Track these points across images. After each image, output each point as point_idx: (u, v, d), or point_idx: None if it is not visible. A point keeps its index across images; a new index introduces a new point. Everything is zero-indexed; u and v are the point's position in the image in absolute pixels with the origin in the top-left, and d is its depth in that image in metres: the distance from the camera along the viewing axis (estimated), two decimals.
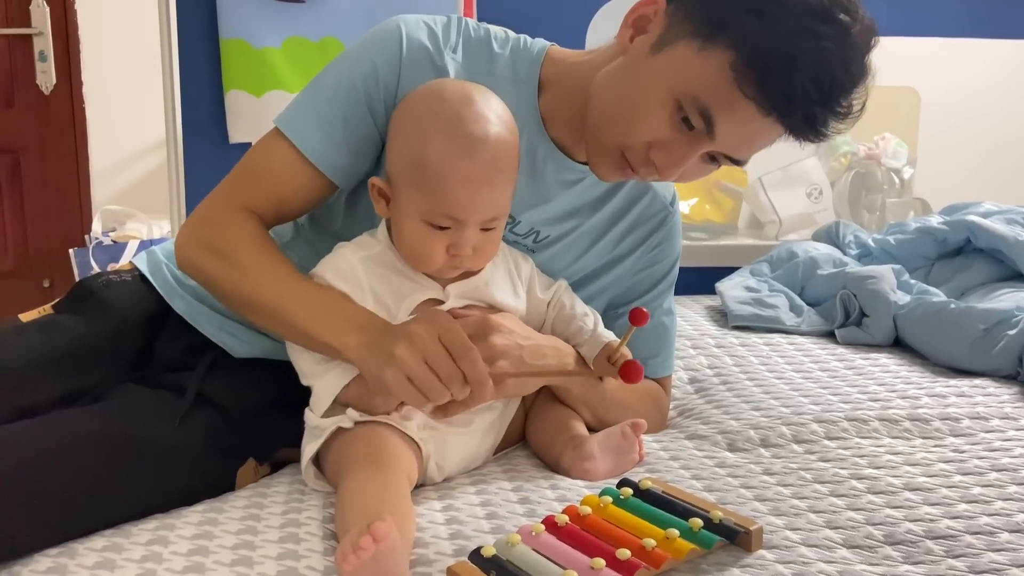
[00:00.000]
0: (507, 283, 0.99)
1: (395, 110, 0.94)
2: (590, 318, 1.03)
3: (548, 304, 1.04)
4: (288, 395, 0.99)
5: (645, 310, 0.89)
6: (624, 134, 0.91)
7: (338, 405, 0.91)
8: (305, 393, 0.95)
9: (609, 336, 1.00)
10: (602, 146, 0.94)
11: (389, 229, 0.96)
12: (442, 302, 0.93)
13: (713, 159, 0.92)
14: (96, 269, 2.33)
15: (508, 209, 0.93)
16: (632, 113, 0.90)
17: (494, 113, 0.89)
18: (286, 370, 0.98)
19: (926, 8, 2.07)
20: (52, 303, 1.08)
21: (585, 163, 1.02)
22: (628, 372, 0.87)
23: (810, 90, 0.82)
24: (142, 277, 1.09)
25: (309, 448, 0.90)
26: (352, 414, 0.89)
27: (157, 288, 1.07)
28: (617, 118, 0.92)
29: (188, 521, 0.83)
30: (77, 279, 2.35)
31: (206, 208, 0.99)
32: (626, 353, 0.95)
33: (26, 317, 1.05)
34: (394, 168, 0.91)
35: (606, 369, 0.96)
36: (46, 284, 2.80)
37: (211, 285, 0.98)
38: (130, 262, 1.13)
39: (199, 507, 0.87)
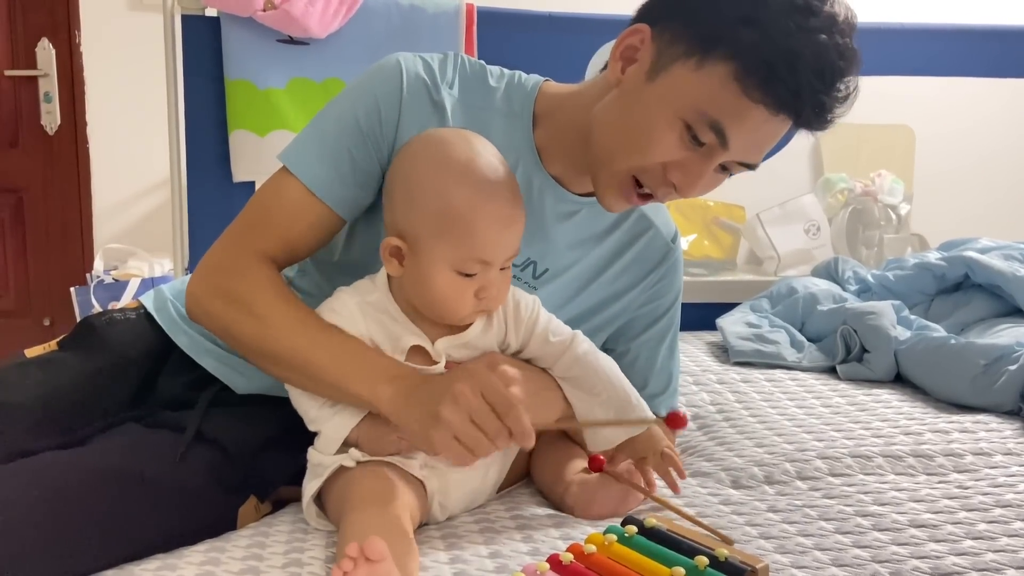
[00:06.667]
0: (501, 334, 0.96)
1: (394, 168, 0.93)
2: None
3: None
4: (288, 432, 0.98)
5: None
6: (639, 160, 0.92)
7: (343, 443, 0.91)
8: (305, 429, 0.95)
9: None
10: (612, 175, 0.95)
11: (389, 279, 0.95)
12: (428, 353, 0.92)
13: (724, 168, 0.94)
14: (96, 307, 2.33)
15: None
16: (641, 140, 0.91)
17: (496, 155, 0.91)
18: (286, 407, 0.97)
19: (919, 49, 2.11)
20: (58, 340, 1.08)
21: (582, 195, 1.03)
22: (673, 420, 0.87)
23: (814, 82, 0.85)
24: (147, 315, 1.09)
25: (311, 486, 0.90)
26: (355, 453, 0.88)
27: (161, 324, 1.07)
28: (627, 147, 0.93)
29: (190, 561, 0.82)
30: (77, 318, 2.36)
31: (220, 255, 0.97)
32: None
33: (31, 353, 1.05)
34: (412, 225, 0.90)
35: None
36: (46, 323, 2.80)
37: (229, 335, 0.95)
38: (137, 300, 1.13)
39: (201, 546, 0.86)
